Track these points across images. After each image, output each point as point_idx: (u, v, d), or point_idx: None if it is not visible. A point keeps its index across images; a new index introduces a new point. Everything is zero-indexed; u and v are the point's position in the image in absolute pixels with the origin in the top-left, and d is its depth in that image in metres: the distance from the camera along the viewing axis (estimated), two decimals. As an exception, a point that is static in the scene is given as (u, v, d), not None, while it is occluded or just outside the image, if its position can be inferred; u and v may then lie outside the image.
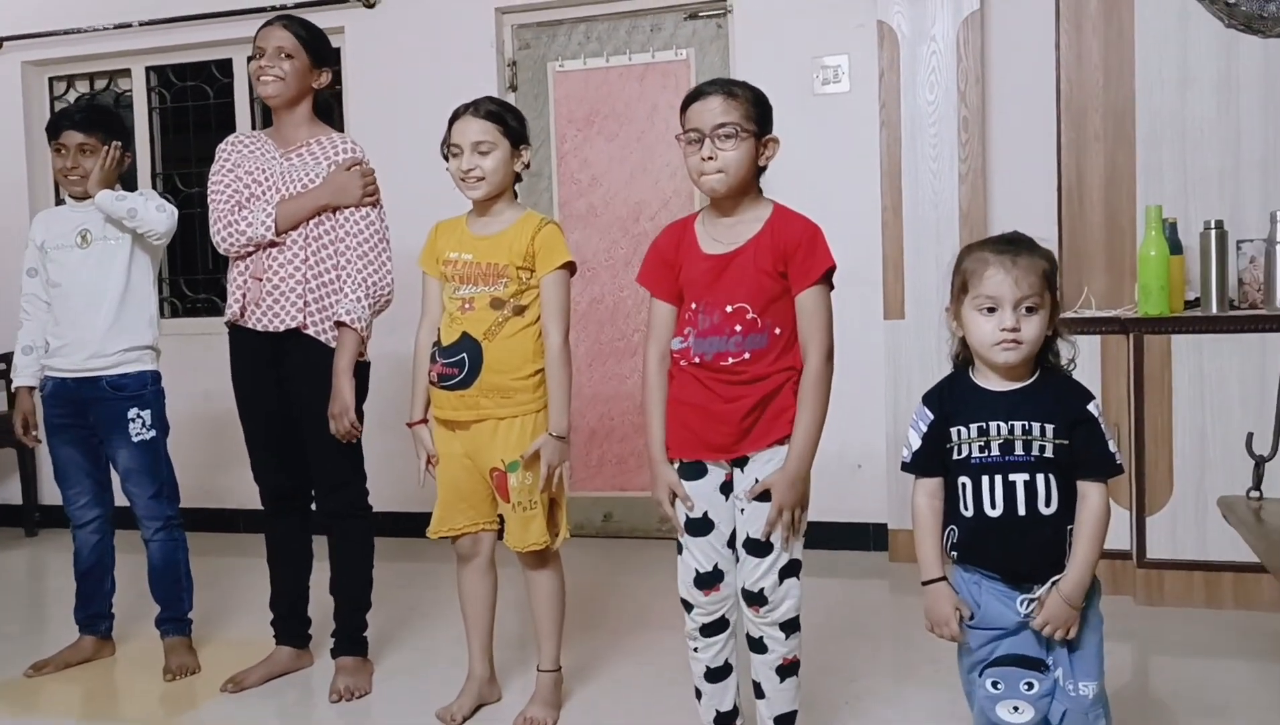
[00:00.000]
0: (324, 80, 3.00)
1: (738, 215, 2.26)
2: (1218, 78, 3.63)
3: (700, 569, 2.28)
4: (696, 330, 2.24)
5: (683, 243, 2.30)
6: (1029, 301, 1.85)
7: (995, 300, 1.86)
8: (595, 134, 4.54)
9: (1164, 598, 3.41)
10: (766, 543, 2.21)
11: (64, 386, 3.14)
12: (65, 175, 3.12)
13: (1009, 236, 1.94)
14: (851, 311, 4.01)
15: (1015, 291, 1.85)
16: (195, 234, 5.16)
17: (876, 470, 4.09)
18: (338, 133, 3.02)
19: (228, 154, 3.00)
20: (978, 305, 1.88)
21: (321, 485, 2.99)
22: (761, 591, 2.23)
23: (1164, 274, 3.39)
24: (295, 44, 2.91)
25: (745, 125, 2.19)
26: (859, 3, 4.08)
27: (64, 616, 3.35)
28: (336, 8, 4.64)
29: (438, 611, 3.58)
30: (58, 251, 3.13)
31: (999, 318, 1.86)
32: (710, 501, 2.27)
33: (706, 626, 2.32)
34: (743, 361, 2.21)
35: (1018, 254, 1.87)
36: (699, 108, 2.21)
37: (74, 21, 5.03)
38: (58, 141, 3.11)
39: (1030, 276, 1.85)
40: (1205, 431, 3.36)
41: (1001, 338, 1.85)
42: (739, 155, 2.19)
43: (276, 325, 2.88)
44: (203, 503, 4.53)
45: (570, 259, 2.63)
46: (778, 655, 2.29)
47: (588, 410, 4.56)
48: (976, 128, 3.90)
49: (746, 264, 2.21)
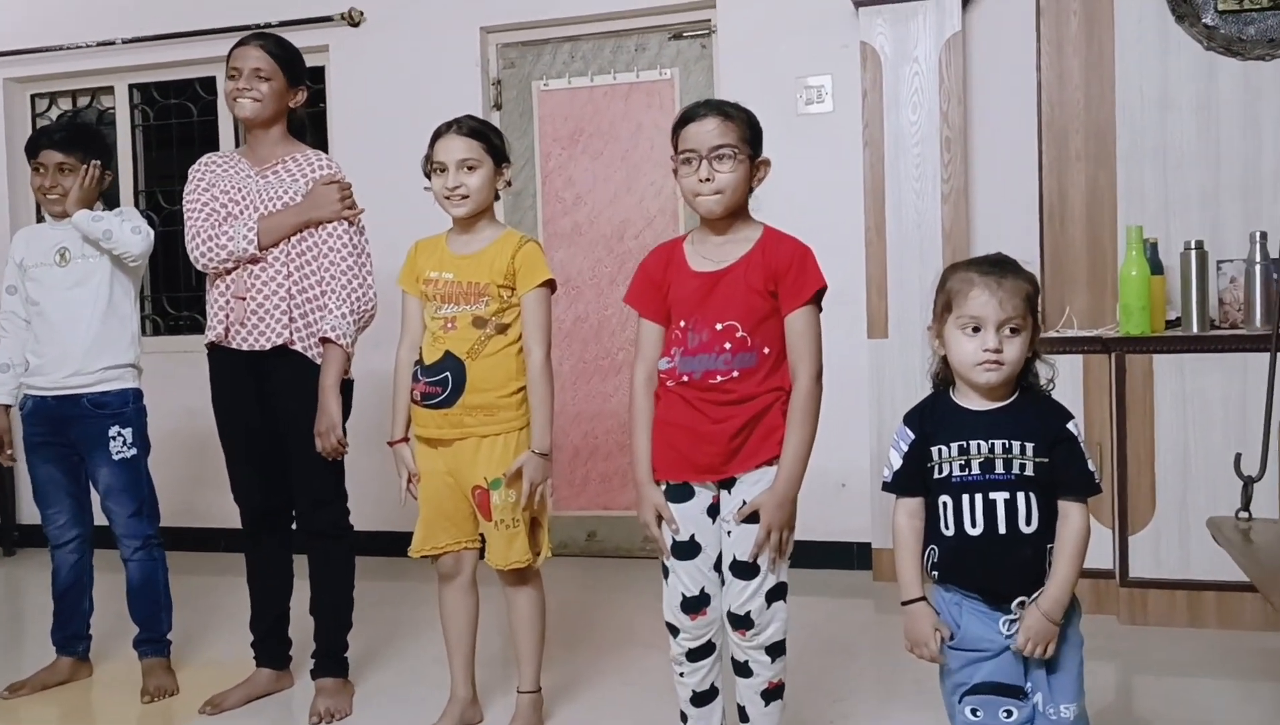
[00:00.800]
0: (300, 99, 2.99)
1: (729, 235, 2.26)
2: (1197, 99, 3.66)
3: (687, 593, 2.26)
4: (685, 348, 2.24)
5: (671, 262, 2.30)
6: (1012, 323, 1.86)
7: (979, 320, 1.87)
8: (580, 153, 4.55)
9: (1147, 617, 3.41)
10: (753, 565, 2.20)
11: (44, 404, 3.12)
12: (44, 194, 3.11)
13: (994, 258, 1.95)
14: (835, 330, 3.99)
15: (999, 313, 1.86)
16: (177, 251, 5.13)
17: (860, 489, 4.09)
18: (312, 150, 3.01)
19: (201, 173, 2.99)
20: (961, 325, 1.89)
21: (303, 504, 2.97)
22: (748, 614, 2.22)
23: (1145, 294, 3.41)
24: (272, 65, 2.89)
25: (741, 148, 2.20)
26: (842, 24, 4.10)
27: (41, 636, 3.32)
28: (321, 26, 4.64)
29: (419, 632, 3.56)
30: (37, 270, 3.12)
31: (982, 338, 1.87)
32: (697, 524, 2.26)
33: (693, 651, 2.30)
34: (731, 380, 2.20)
35: (1003, 276, 1.88)
36: (695, 129, 2.21)
37: (57, 39, 5.02)
38: (36, 160, 3.10)
39: (1014, 298, 1.86)
40: (1187, 450, 3.37)
41: (984, 358, 1.86)
42: (736, 177, 2.19)
43: (263, 343, 2.86)
44: (183, 522, 4.49)
45: (550, 277, 2.63)
46: (763, 679, 2.27)
47: (571, 428, 4.55)
48: (959, 148, 3.92)
49: (737, 282, 2.21)
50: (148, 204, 5.16)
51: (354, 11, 4.66)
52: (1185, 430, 3.37)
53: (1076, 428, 1.90)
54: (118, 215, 3.09)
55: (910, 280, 3.94)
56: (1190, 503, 3.36)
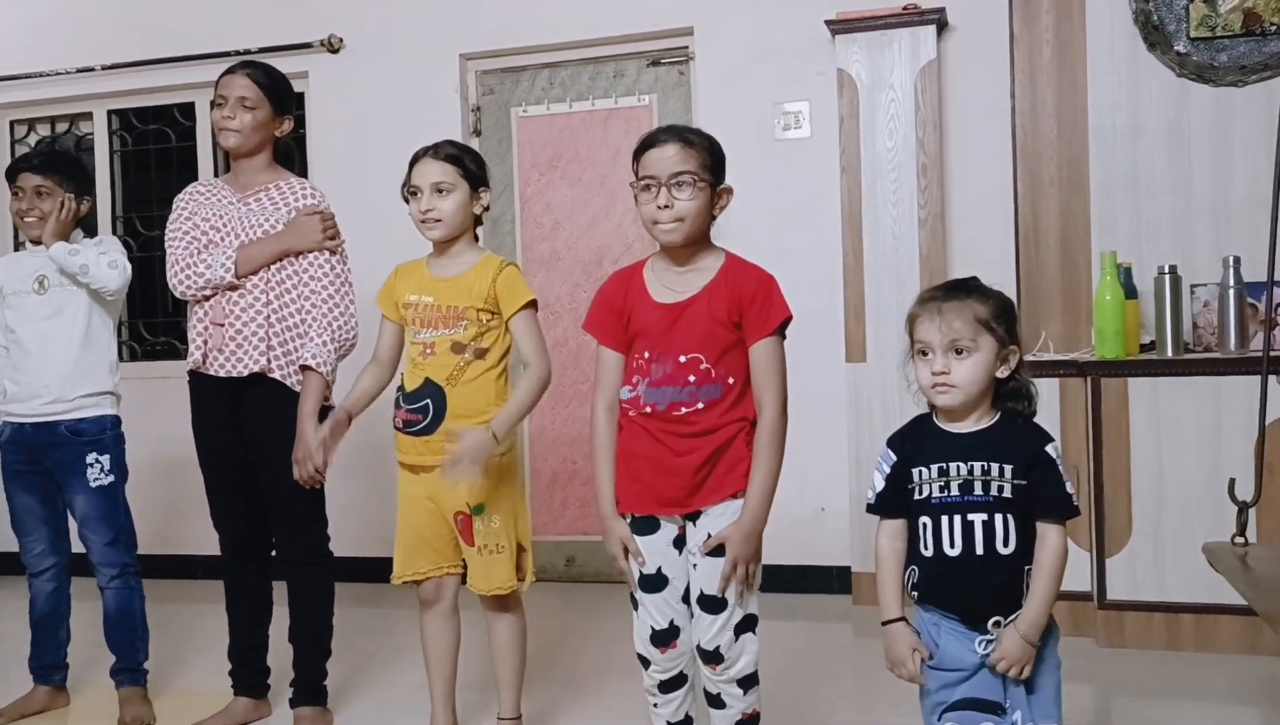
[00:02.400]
0: (286, 128, 2.99)
1: (691, 264, 2.23)
2: (1169, 126, 3.71)
3: (656, 626, 2.25)
4: (649, 380, 2.20)
5: (630, 290, 2.27)
6: (958, 343, 1.88)
7: (926, 345, 1.91)
8: (558, 178, 4.57)
9: (1125, 639, 3.43)
10: (721, 599, 2.19)
11: (22, 432, 3.10)
12: (21, 217, 3.10)
13: (947, 283, 2.00)
14: (813, 354, 4.05)
15: (941, 336, 1.89)
16: (155, 278, 5.11)
17: (839, 513, 4.10)
18: (296, 177, 3.01)
19: (184, 203, 2.99)
20: (916, 352, 1.93)
21: (281, 531, 2.95)
22: (717, 649, 2.20)
23: (1119, 318, 3.45)
24: (258, 94, 2.89)
25: (702, 175, 2.16)
26: (819, 50, 4.14)
27: (18, 665, 3.28)
28: (301, 53, 4.66)
29: (398, 659, 3.54)
30: (15, 297, 3.10)
31: (930, 362, 1.90)
32: (664, 556, 2.24)
33: (664, 683, 2.29)
34: (696, 411, 2.18)
35: (946, 299, 1.91)
36: (655, 155, 2.17)
37: (36, 65, 5.01)
38: (15, 184, 3.10)
39: (957, 320, 1.89)
40: (1163, 473, 3.39)
41: (932, 381, 1.90)
42: (696, 205, 2.16)
43: (240, 370, 2.85)
44: (161, 549, 4.45)
45: (533, 297, 2.64)
46: (736, 711, 2.26)
47: (550, 453, 4.55)
48: (935, 174, 3.96)
49: (700, 313, 2.18)
50: (125, 230, 5.14)
51: (334, 38, 4.68)
52: (1160, 453, 3.40)
53: (1055, 450, 1.92)
54: (96, 245, 3.08)
55: (888, 305, 3.97)
56: (1166, 525, 3.39)
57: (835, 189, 4.06)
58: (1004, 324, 1.92)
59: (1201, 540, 3.25)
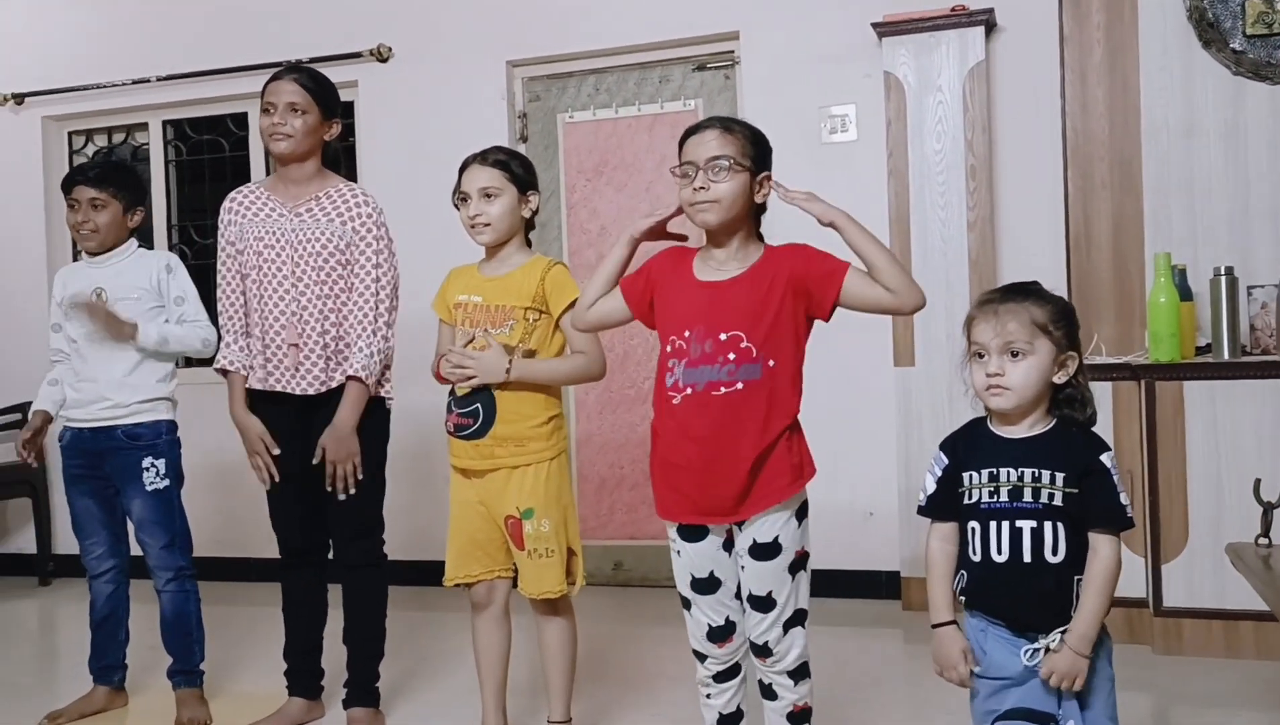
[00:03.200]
0: (334, 132, 3.00)
1: (731, 249, 2.23)
2: (1225, 125, 3.65)
3: (713, 623, 2.27)
4: (687, 360, 2.19)
5: (676, 269, 2.29)
6: (1013, 346, 1.87)
7: (981, 347, 1.90)
8: (604, 184, 4.59)
9: (1182, 647, 3.37)
10: (769, 598, 2.21)
11: (81, 437, 3.16)
12: (77, 229, 3.15)
13: (1007, 285, 1.99)
14: (861, 358, 4.03)
15: (997, 337, 1.88)
16: (208, 286, 5.19)
17: (888, 518, 4.08)
18: (346, 182, 3.01)
19: (228, 222, 3.01)
20: (971, 354, 1.93)
21: (340, 535, 2.98)
22: (767, 644, 2.23)
23: (1174, 320, 3.40)
24: (306, 98, 2.90)
25: (740, 160, 2.17)
26: (865, 54, 4.13)
27: (77, 666, 3.35)
28: (350, 62, 4.71)
29: (450, 662, 3.56)
30: (75, 310, 3.15)
31: (985, 363, 1.90)
32: (715, 560, 2.25)
33: (721, 673, 2.31)
34: (735, 392, 2.15)
35: (1003, 301, 1.91)
36: (694, 141, 2.20)
37: (93, 77, 5.12)
38: (70, 196, 3.15)
39: (1012, 321, 1.88)
40: (1220, 478, 3.34)
41: (987, 383, 1.89)
42: (731, 187, 2.16)
43: (319, 387, 2.89)
44: (216, 552, 4.52)
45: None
46: (787, 702, 2.28)
47: (598, 458, 4.56)
48: (984, 176, 3.93)
49: (743, 289, 2.18)
50: (180, 238, 5.23)
51: (383, 48, 4.73)
52: (1217, 457, 3.34)
53: (1111, 460, 1.89)
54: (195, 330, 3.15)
55: (936, 309, 3.93)
56: (1224, 530, 3.32)
57: (883, 192, 4.04)
58: (1063, 329, 1.90)
59: (1261, 546, 3.21)
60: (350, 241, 2.90)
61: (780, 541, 2.20)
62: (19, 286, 5.22)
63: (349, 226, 2.91)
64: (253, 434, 2.93)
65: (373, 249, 2.91)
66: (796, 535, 2.22)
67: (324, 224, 2.91)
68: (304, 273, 2.89)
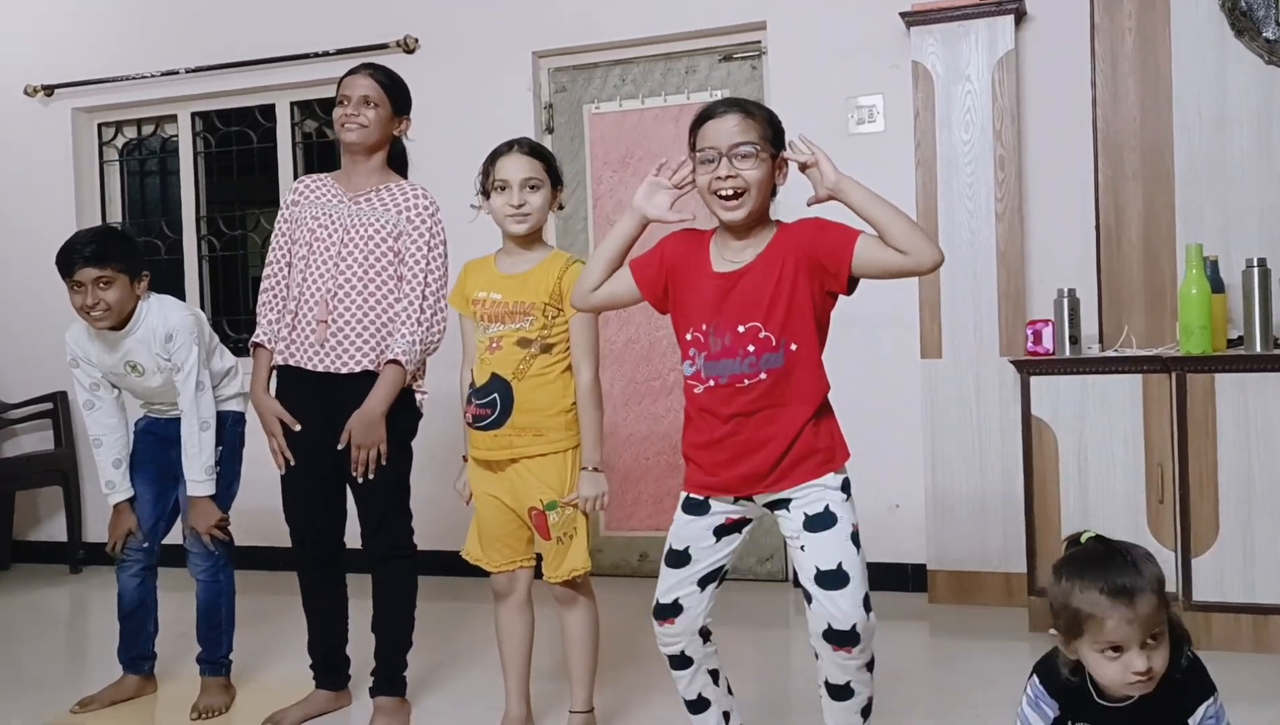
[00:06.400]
0: (404, 127, 3.03)
1: (749, 237, 2.19)
2: (1257, 115, 3.61)
3: (661, 599, 2.26)
4: (707, 353, 2.16)
5: (693, 256, 2.23)
6: (1153, 632, 1.73)
7: (1120, 643, 1.74)
8: (631, 175, 4.58)
9: (1211, 641, 3.34)
10: (839, 571, 2.10)
11: (156, 423, 3.22)
12: (88, 312, 3.00)
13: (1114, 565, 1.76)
14: (888, 351, 4.02)
15: (1140, 635, 1.73)
16: (237, 276, 5.25)
17: (914, 510, 4.06)
18: (409, 182, 3.02)
19: (290, 202, 3.02)
20: (1099, 648, 1.75)
21: (369, 525, 2.98)
22: (854, 628, 2.10)
23: (1206, 312, 3.36)
24: (380, 92, 2.94)
25: (764, 146, 2.12)
26: (893, 43, 4.10)
27: (107, 653, 3.39)
28: (377, 54, 4.72)
29: (474, 651, 3.58)
30: (115, 376, 3.15)
31: (1127, 661, 1.73)
32: (697, 538, 2.24)
33: (671, 658, 2.30)
34: (759, 382, 2.12)
35: (1134, 596, 1.73)
36: (714, 125, 2.13)
37: (123, 69, 5.16)
38: (73, 279, 3.00)
39: (1147, 609, 1.73)
40: (1251, 471, 3.30)
41: (1133, 679, 1.74)
42: (759, 175, 2.12)
43: (351, 366, 2.89)
44: (253, 540, 4.55)
45: None
46: (863, 698, 2.22)
47: (623, 451, 4.57)
48: (1013, 167, 3.90)
49: (757, 277, 2.14)
50: (209, 229, 5.27)
51: (409, 39, 4.74)
52: (1248, 451, 3.31)
53: (1215, 703, 1.78)
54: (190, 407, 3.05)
55: (963, 301, 3.92)
56: (1255, 525, 3.30)
57: (910, 183, 4.01)
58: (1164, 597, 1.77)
59: (1292, 541, 3.18)
60: (402, 231, 2.92)
61: (833, 510, 2.14)
62: (48, 279, 5.23)
63: (402, 217, 2.92)
64: (269, 415, 2.95)
65: (424, 240, 2.92)
66: (848, 508, 2.16)
67: (380, 212, 2.93)
68: (348, 254, 2.90)
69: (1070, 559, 1.83)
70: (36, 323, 5.12)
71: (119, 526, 3.17)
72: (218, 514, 3.10)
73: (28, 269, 5.05)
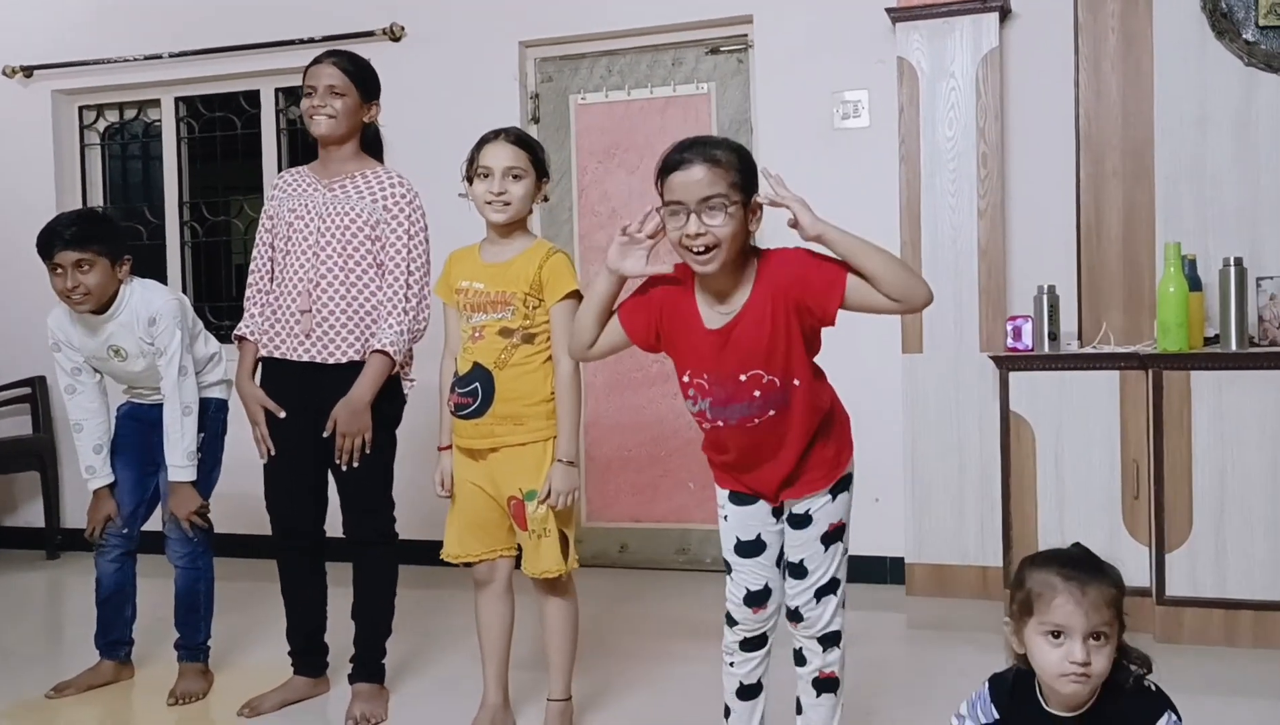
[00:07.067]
0: (374, 114, 3.03)
1: (730, 282, 2.14)
2: (1237, 116, 3.64)
3: (752, 587, 2.30)
4: (712, 400, 2.19)
5: (679, 310, 2.19)
6: (1098, 630, 1.72)
7: (1063, 628, 1.73)
8: (616, 166, 4.59)
9: (1183, 635, 3.38)
10: (800, 565, 2.26)
11: (139, 408, 3.21)
12: (68, 296, 2.98)
13: (1081, 556, 1.80)
14: (869, 345, 4.03)
15: (1085, 623, 1.72)
16: (220, 262, 5.23)
17: (893, 504, 4.08)
18: (384, 168, 3.03)
19: (272, 196, 3.05)
20: (1044, 631, 1.75)
21: (351, 512, 2.99)
22: (798, 609, 2.28)
23: (1183, 310, 3.40)
24: (345, 81, 2.93)
25: (733, 196, 2.04)
26: (879, 39, 4.12)
27: (83, 638, 3.38)
28: (363, 41, 4.70)
29: (453, 639, 3.59)
30: (97, 361, 3.14)
31: (1067, 649, 1.73)
32: (763, 523, 2.29)
33: (747, 641, 2.33)
34: (769, 418, 2.18)
35: (1088, 581, 1.74)
36: (681, 178, 2.05)
37: (104, 52, 5.12)
38: (53, 261, 2.97)
39: (1101, 606, 1.73)
40: (1225, 468, 3.34)
41: (1069, 670, 1.72)
42: (730, 229, 2.04)
43: (338, 357, 2.90)
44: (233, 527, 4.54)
45: (577, 287, 2.65)
46: (813, 668, 2.31)
47: (604, 441, 4.58)
48: (995, 164, 3.92)
49: (748, 328, 2.12)
50: (192, 215, 5.24)
51: (395, 26, 4.73)
52: (1222, 448, 3.34)
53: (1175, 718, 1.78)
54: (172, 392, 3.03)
55: (945, 296, 3.94)
56: (1227, 521, 3.34)
57: (894, 179, 4.04)
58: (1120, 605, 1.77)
59: (1264, 536, 3.23)
60: (380, 220, 2.92)
61: (811, 514, 2.25)
62: (29, 261, 5.18)
63: (379, 205, 2.93)
64: (254, 403, 2.95)
65: (403, 229, 2.92)
66: (831, 509, 2.26)
67: (355, 200, 2.93)
68: (326, 244, 2.91)
69: (1040, 552, 1.87)
70: (14, 307, 5.09)
71: (98, 511, 3.16)
72: (198, 500, 3.10)
73: (6, 253, 5.00)
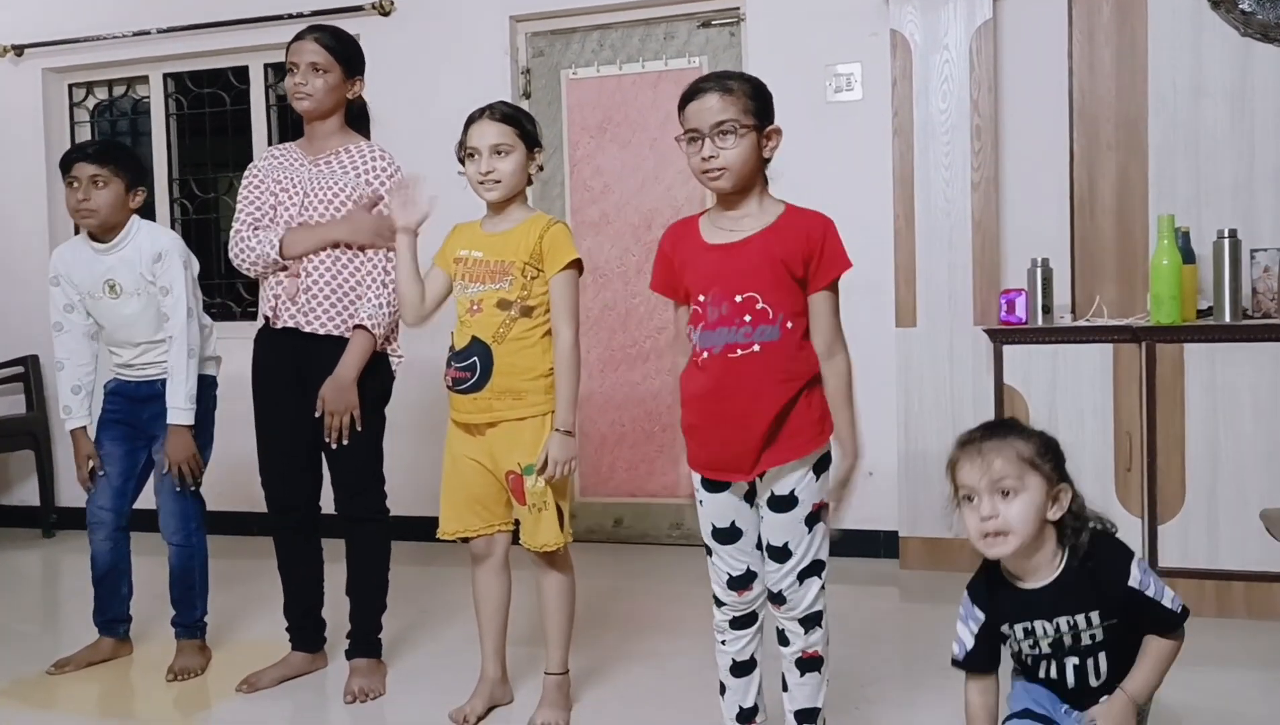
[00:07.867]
0: (357, 90, 3.02)
1: (745, 208, 2.23)
2: (1232, 87, 3.63)
3: (733, 573, 2.31)
4: (704, 323, 2.21)
5: (684, 238, 2.29)
6: (1002, 484, 1.79)
7: (971, 489, 1.82)
8: (608, 141, 4.57)
9: (1175, 606, 3.40)
10: (784, 549, 2.25)
11: (126, 385, 3.19)
12: (77, 208, 3.04)
13: (986, 423, 1.93)
14: (863, 319, 4.03)
15: (985, 477, 1.80)
16: (210, 240, 5.21)
17: (887, 477, 4.09)
18: (368, 143, 3.03)
19: (254, 171, 3.03)
20: (960, 498, 1.84)
21: (342, 489, 3.00)
22: (781, 592, 2.28)
23: (1176, 283, 3.40)
24: (328, 57, 2.92)
25: (744, 120, 2.16)
26: (872, 12, 4.10)
27: (81, 615, 3.39)
28: (353, 15, 4.67)
29: (451, 613, 3.60)
30: (90, 300, 3.13)
31: (977, 507, 1.81)
32: (737, 511, 2.29)
33: (737, 619, 2.34)
34: (753, 354, 2.17)
35: (985, 439, 1.83)
36: (696, 107, 2.18)
37: (93, 29, 5.08)
38: (70, 175, 3.04)
39: (999, 459, 1.80)
40: (1217, 440, 3.35)
41: (983, 528, 1.81)
42: (740, 152, 2.16)
43: (317, 327, 2.90)
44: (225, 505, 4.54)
45: (577, 257, 2.65)
46: (797, 648, 2.31)
47: (599, 416, 4.58)
48: (989, 136, 3.91)
49: (755, 250, 2.18)
50: (182, 191, 5.22)
51: (384, 1, 4.69)
52: (1215, 420, 3.36)
53: (1140, 569, 1.84)
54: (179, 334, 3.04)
55: (939, 269, 3.94)
56: (1220, 492, 3.35)
57: (887, 152, 4.03)
58: (1050, 461, 1.83)
59: (1257, 508, 3.24)
60: (363, 194, 2.92)
61: (797, 495, 2.23)
62: (20, 239, 5.21)
63: (362, 180, 2.93)
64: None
65: (386, 203, 2.91)
66: (815, 489, 2.25)
67: (339, 175, 2.93)
68: (310, 218, 2.91)
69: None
70: (6, 286, 5.07)
71: (79, 452, 3.18)
72: (193, 448, 3.10)
73: (-3, 231, 4.99)
